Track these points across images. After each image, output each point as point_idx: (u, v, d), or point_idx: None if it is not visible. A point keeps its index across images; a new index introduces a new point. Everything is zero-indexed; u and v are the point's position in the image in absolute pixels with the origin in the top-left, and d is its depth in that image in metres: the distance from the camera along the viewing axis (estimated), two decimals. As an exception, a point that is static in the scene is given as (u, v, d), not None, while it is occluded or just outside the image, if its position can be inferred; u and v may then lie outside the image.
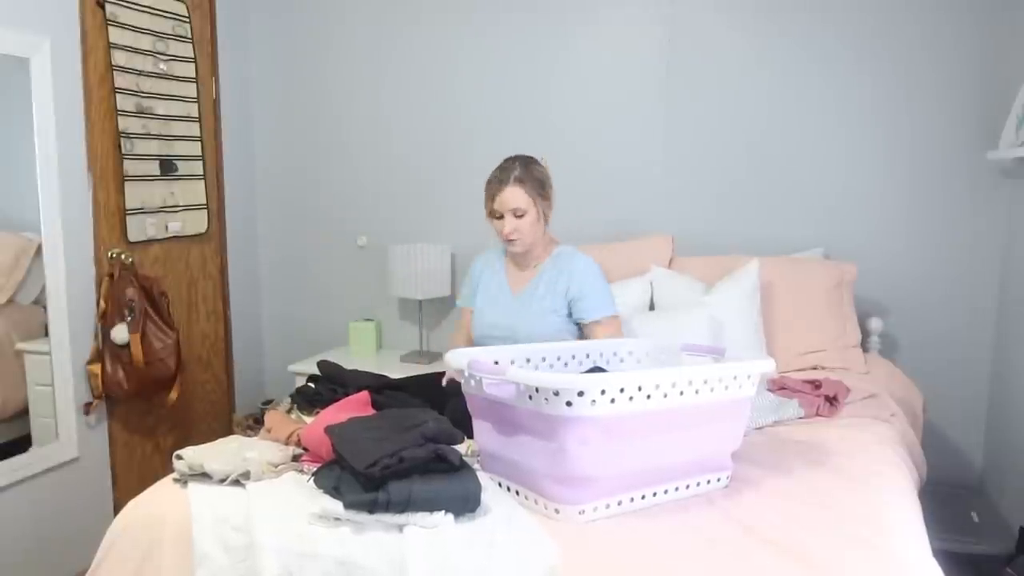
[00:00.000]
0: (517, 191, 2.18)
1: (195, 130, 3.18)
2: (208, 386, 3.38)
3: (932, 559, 1.43)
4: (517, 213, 2.19)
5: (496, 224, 2.24)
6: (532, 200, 2.20)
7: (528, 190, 2.19)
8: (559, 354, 1.98)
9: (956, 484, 2.90)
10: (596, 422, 1.49)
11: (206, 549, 1.51)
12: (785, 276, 2.73)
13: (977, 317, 2.87)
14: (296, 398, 2.24)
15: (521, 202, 2.19)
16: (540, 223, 2.25)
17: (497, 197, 2.21)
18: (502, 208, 2.20)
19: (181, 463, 1.69)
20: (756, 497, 1.66)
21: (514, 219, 2.20)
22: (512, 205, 2.19)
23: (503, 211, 2.20)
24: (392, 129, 3.43)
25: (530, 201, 2.20)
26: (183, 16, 3.09)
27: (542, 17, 3.18)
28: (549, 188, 2.26)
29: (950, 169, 2.84)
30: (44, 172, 2.53)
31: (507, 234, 2.22)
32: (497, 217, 2.23)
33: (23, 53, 2.46)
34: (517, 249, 2.26)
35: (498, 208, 2.21)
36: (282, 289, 3.70)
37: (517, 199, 2.19)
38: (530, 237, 2.24)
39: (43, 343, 2.59)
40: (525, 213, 2.20)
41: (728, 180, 3.05)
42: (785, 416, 2.16)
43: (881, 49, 2.85)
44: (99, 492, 2.82)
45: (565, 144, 3.19)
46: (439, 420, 1.63)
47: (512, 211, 2.19)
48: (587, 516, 1.53)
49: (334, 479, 1.53)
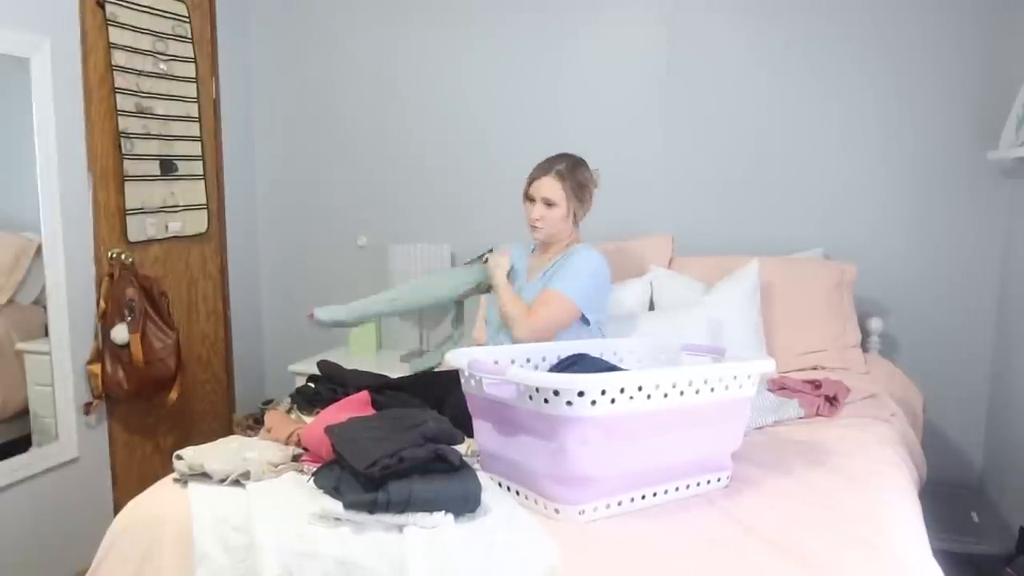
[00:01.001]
0: (555, 183, 2.24)
1: (195, 130, 3.18)
2: (208, 386, 3.38)
3: (932, 559, 1.43)
4: (548, 202, 2.25)
5: (527, 207, 2.30)
6: (566, 196, 2.25)
7: (565, 186, 2.25)
8: (559, 353, 1.98)
9: (956, 484, 2.90)
10: (596, 422, 1.49)
11: (206, 549, 1.51)
12: (785, 276, 2.74)
13: (977, 317, 2.87)
14: (296, 398, 2.24)
15: (554, 194, 2.24)
16: (568, 221, 2.29)
17: (535, 182, 2.28)
18: (536, 193, 2.27)
19: (181, 463, 1.69)
20: (756, 497, 1.66)
21: (543, 207, 2.26)
22: (544, 194, 2.25)
23: (536, 196, 2.27)
24: (392, 129, 3.43)
25: (564, 196, 2.25)
26: (183, 16, 3.09)
27: (543, 18, 3.18)
28: (588, 193, 2.31)
29: (950, 169, 2.84)
30: (44, 172, 2.53)
31: (533, 219, 2.28)
32: (530, 200, 2.29)
33: (23, 53, 2.46)
34: (538, 237, 2.32)
35: (532, 192, 2.28)
36: (282, 289, 3.70)
37: (551, 190, 2.24)
38: (554, 229, 2.28)
39: (43, 343, 2.59)
40: (555, 205, 2.25)
41: (728, 180, 3.05)
42: (785, 416, 2.16)
43: (881, 49, 2.85)
44: (99, 492, 2.82)
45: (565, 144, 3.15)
46: (439, 420, 1.63)
47: (544, 199, 2.25)
48: (587, 516, 1.53)
49: (334, 479, 1.53)
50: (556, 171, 2.25)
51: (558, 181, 2.24)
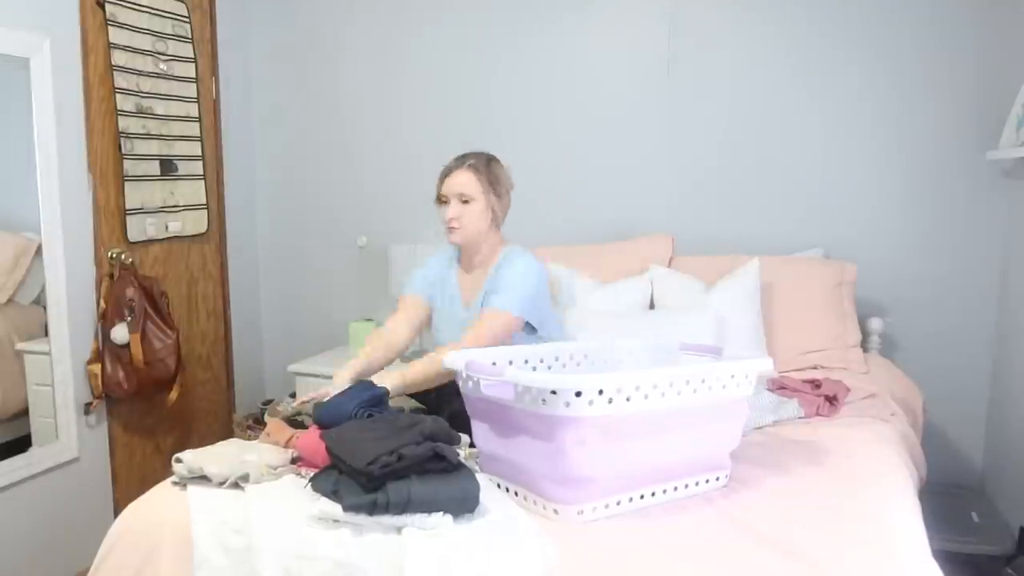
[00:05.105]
0: (468, 176, 2.13)
1: (195, 130, 3.18)
2: (208, 386, 3.38)
3: (932, 559, 1.43)
4: (463, 199, 2.12)
5: (441, 210, 2.17)
6: (482, 190, 2.13)
7: (481, 179, 2.13)
8: (557, 355, 1.98)
9: (956, 484, 2.89)
10: (594, 422, 1.48)
11: (206, 552, 1.51)
12: (785, 276, 2.73)
13: (977, 317, 2.86)
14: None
15: (469, 188, 2.12)
16: (486, 217, 2.15)
17: (446, 180, 2.15)
18: (449, 192, 2.14)
19: (180, 466, 1.69)
20: (755, 497, 1.66)
21: (459, 205, 2.13)
22: (459, 189, 2.12)
23: (450, 195, 2.14)
24: (392, 129, 3.43)
25: (479, 190, 2.13)
26: (183, 16, 3.08)
27: (543, 18, 3.18)
28: (504, 188, 2.18)
29: (950, 169, 2.83)
30: (44, 172, 2.53)
31: (448, 219, 2.14)
32: (444, 202, 2.16)
33: (23, 53, 2.46)
34: (455, 239, 2.17)
35: (445, 192, 2.15)
36: (282, 289, 3.70)
37: (465, 184, 2.12)
38: (472, 228, 2.14)
39: (43, 343, 2.59)
40: (471, 200, 2.12)
41: (728, 180, 3.04)
42: (785, 416, 2.16)
43: (882, 49, 2.84)
44: (99, 492, 2.82)
45: (565, 144, 3.19)
46: (437, 420, 1.63)
47: (458, 195, 2.13)
48: (586, 516, 1.53)
49: (332, 483, 1.52)
50: (469, 164, 2.13)
51: (471, 173, 2.12)
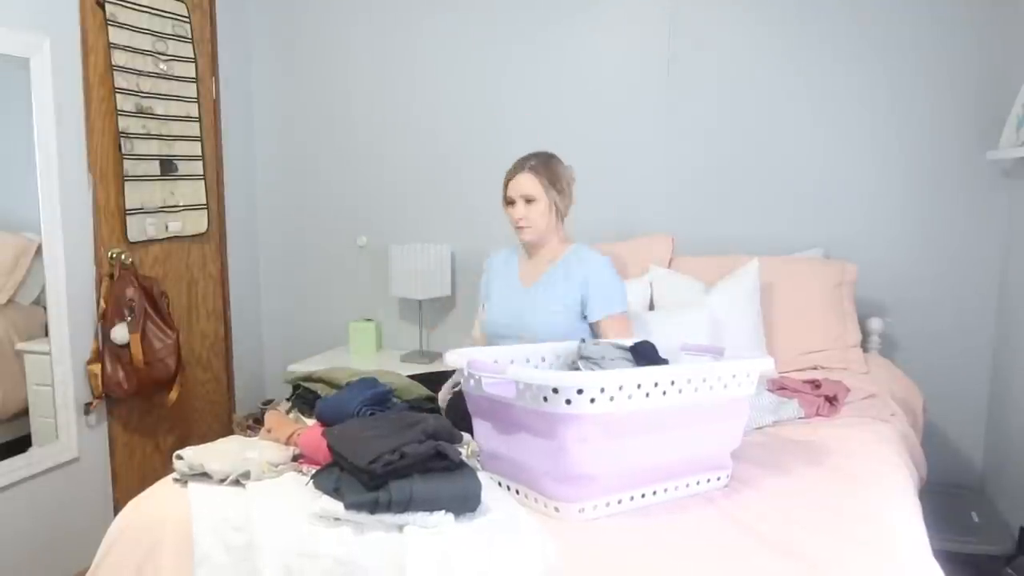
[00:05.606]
0: (529, 177, 2.26)
1: (195, 130, 3.18)
2: (208, 386, 3.38)
3: (932, 559, 1.43)
4: (527, 199, 2.26)
5: (508, 211, 2.32)
6: (544, 189, 2.27)
7: (541, 179, 2.27)
8: (559, 353, 1.98)
9: (956, 484, 2.90)
10: (595, 420, 1.48)
11: (206, 549, 1.51)
12: (785, 276, 2.73)
13: (977, 317, 2.87)
14: (296, 402, 2.22)
15: (532, 189, 2.26)
16: (551, 214, 2.30)
17: (511, 183, 2.30)
18: (514, 193, 2.28)
19: (181, 463, 1.69)
20: (756, 497, 1.66)
21: (524, 206, 2.27)
22: (523, 191, 2.27)
23: (515, 196, 2.28)
24: (392, 129, 3.43)
25: (541, 190, 2.27)
26: (183, 16, 3.09)
27: (543, 18, 3.18)
28: (565, 184, 2.32)
29: (950, 169, 2.84)
30: (44, 172, 2.53)
31: (517, 220, 2.29)
32: (510, 204, 2.30)
33: (23, 53, 2.46)
34: (527, 237, 2.32)
35: (511, 194, 2.30)
36: (282, 289, 3.70)
37: (528, 186, 2.26)
38: (540, 225, 2.29)
39: (43, 343, 2.59)
40: (535, 200, 2.26)
41: (728, 180, 3.05)
42: (785, 416, 2.16)
43: (882, 49, 2.85)
44: (99, 492, 2.82)
45: (565, 144, 3.15)
46: (439, 419, 1.63)
47: (523, 197, 2.27)
48: (587, 514, 1.53)
49: (333, 481, 1.52)
50: (529, 167, 2.28)
51: (532, 175, 2.26)
